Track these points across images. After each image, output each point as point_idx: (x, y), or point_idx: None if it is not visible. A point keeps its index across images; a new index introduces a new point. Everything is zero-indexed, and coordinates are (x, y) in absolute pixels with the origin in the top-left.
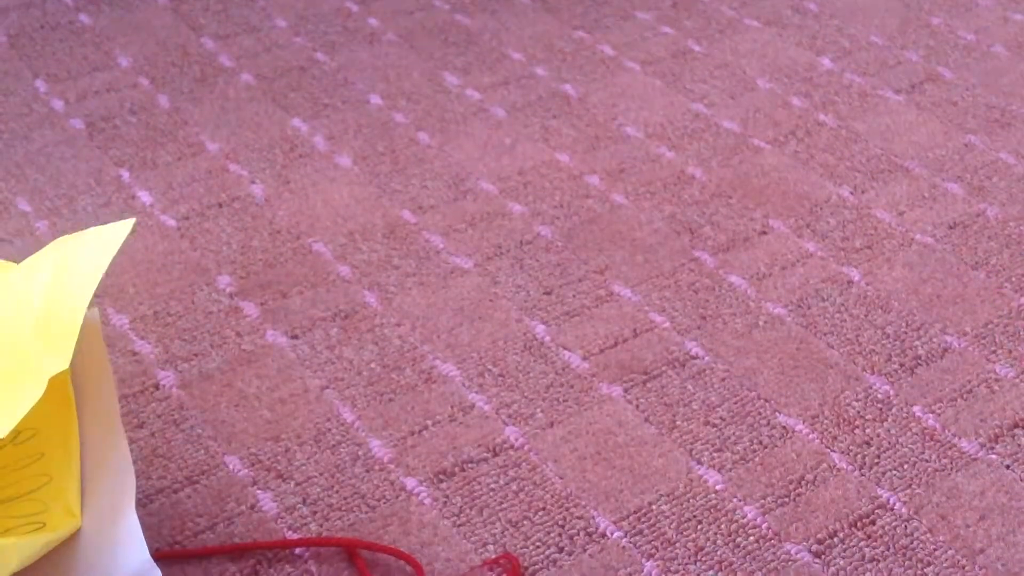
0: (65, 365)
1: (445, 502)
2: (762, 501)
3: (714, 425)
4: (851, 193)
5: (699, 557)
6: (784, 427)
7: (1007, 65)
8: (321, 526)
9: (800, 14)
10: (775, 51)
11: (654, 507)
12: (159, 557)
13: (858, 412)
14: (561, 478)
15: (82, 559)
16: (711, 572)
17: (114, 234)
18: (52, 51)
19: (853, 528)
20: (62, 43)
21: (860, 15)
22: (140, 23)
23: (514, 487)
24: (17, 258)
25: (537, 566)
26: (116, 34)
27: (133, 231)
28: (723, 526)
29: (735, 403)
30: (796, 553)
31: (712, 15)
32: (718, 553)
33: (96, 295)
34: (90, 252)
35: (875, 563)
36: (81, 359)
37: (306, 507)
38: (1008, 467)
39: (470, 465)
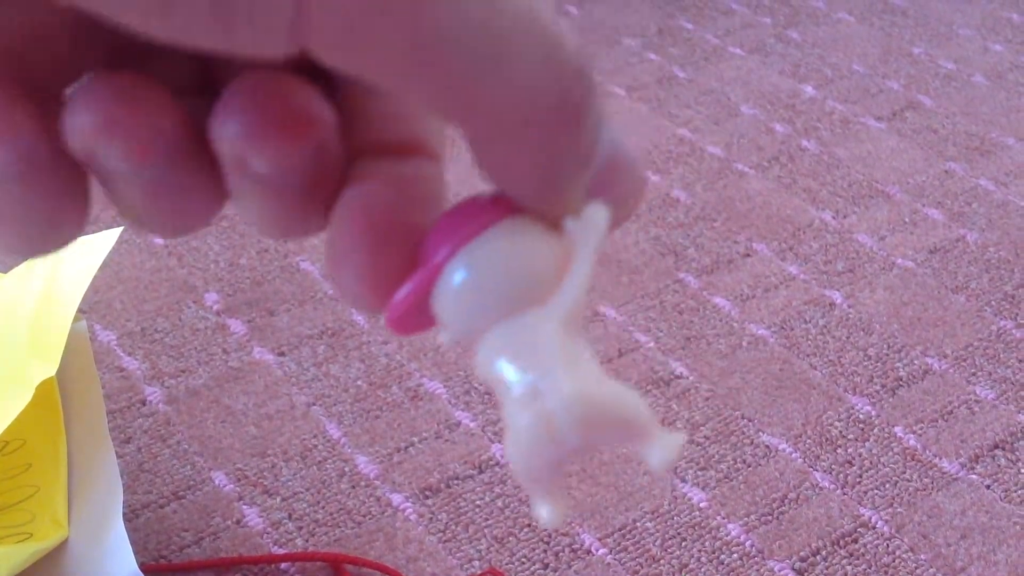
0: (52, 372)
1: (431, 518)
2: (746, 519)
3: (698, 444)
4: (833, 217)
5: (683, 574)
6: (767, 446)
7: (987, 94)
8: (307, 541)
9: (783, 43)
10: (759, 78)
11: (639, 524)
12: (145, 571)
13: (840, 432)
14: None
15: (69, 570)
16: None
17: (101, 242)
18: None
19: (836, 546)
20: None
21: (842, 44)
22: None
23: (500, 503)
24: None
25: None
26: None
27: (120, 240)
28: (707, 543)
29: (719, 422)
30: (779, 570)
31: (697, 43)
32: (702, 570)
33: (83, 311)
34: (78, 260)
35: None
36: (69, 371)
37: (292, 522)
38: (988, 487)
39: (456, 482)
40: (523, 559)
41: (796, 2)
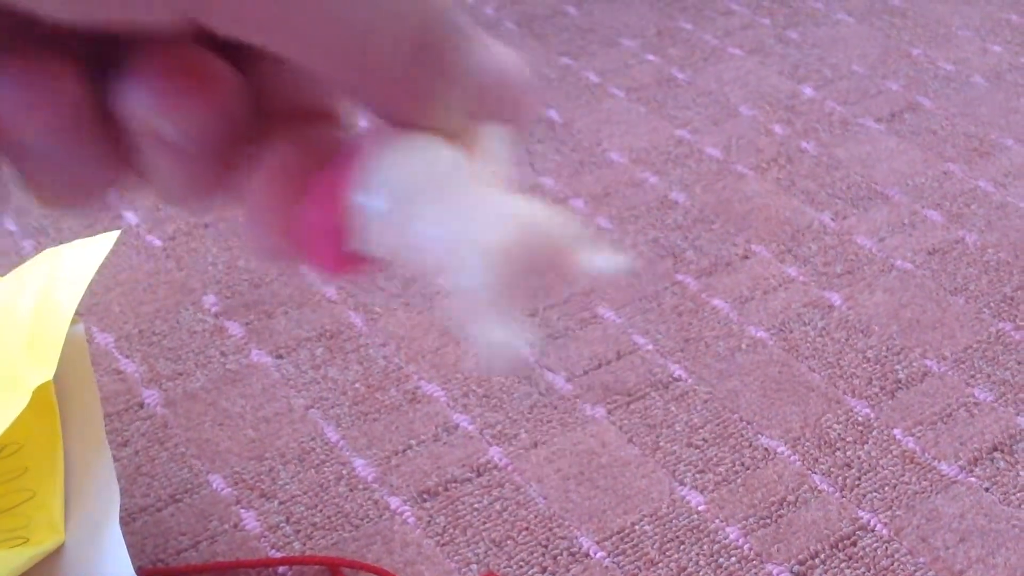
0: (49, 376)
1: (429, 521)
2: (744, 522)
3: (697, 446)
4: (832, 219)
5: None
6: (766, 449)
7: (985, 95)
8: (304, 545)
9: (782, 43)
10: (758, 79)
11: (637, 527)
12: (142, 575)
13: (839, 435)
14: (544, 498)
15: (66, 574)
16: None
17: (99, 245)
18: None
19: (834, 549)
20: None
21: (841, 45)
22: None
23: (498, 507)
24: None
25: None
26: None
27: (118, 243)
28: (705, 547)
29: (717, 425)
30: (778, 574)
31: (696, 43)
32: (700, 574)
33: (81, 313)
34: (76, 263)
35: None
36: (66, 374)
37: (290, 526)
38: (987, 490)
39: (454, 485)
40: (521, 562)
41: (795, 3)
